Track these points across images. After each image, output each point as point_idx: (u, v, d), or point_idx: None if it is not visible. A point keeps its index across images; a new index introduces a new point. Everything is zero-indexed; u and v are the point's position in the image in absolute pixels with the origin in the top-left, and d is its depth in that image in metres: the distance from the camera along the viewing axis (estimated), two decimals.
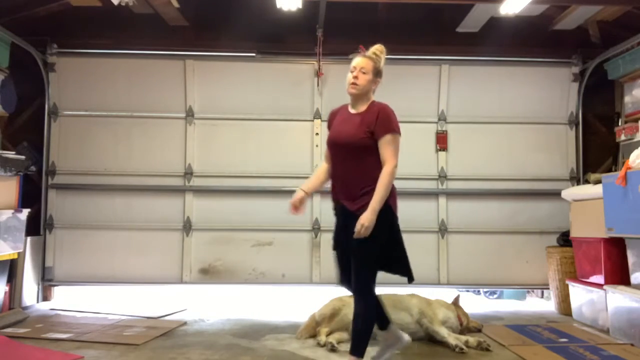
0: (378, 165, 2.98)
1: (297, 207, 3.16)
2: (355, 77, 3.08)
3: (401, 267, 3.12)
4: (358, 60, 3.11)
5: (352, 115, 3.13)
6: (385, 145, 2.99)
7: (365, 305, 3.01)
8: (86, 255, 5.53)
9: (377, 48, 3.15)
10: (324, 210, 5.53)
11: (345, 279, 3.14)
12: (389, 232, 3.03)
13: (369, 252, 2.98)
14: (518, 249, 5.67)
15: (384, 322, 3.23)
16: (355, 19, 5.54)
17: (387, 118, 3.03)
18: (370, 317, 3.04)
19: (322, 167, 3.31)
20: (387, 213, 2.99)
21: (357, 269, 3.00)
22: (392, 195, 3.04)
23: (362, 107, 3.11)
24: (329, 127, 3.26)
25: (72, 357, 3.55)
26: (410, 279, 3.13)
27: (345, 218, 3.05)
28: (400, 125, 3.06)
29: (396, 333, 3.27)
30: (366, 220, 2.88)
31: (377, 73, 3.12)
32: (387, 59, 3.15)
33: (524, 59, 5.80)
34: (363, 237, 2.89)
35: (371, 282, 3.02)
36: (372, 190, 2.93)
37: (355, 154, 3.03)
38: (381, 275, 3.04)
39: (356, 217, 2.92)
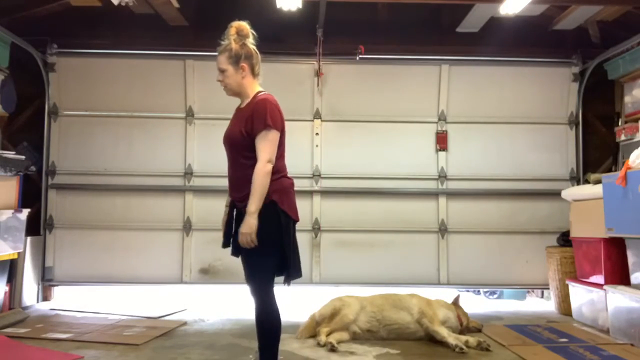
0: None
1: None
2: (220, 81, 2.84)
3: (294, 272, 2.86)
4: (217, 60, 2.82)
5: (238, 111, 2.90)
6: (258, 142, 2.69)
7: (261, 309, 2.77)
8: (86, 255, 5.53)
9: (229, 30, 2.84)
10: (324, 210, 5.53)
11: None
12: (281, 236, 2.72)
13: (258, 260, 2.74)
14: (518, 249, 5.67)
15: None
16: (355, 19, 5.54)
17: (261, 112, 2.71)
18: (271, 320, 2.77)
19: None
20: (274, 213, 2.70)
21: (248, 276, 2.82)
22: (284, 194, 2.76)
23: (245, 102, 2.86)
24: None
25: (72, 357, 3.55)
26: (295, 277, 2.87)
27: (239, 214, 2.79)
28: (401, 125, 3.00)
29: None
30: (244, 226, 2.63)
31: (236, 60, 2.79)
32: (387, 59, 3.04)
33: (524, 59, 5.80)
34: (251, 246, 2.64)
35: (266, 286, 2.78)
36: None
37: (237, 153, 2.78)
38: (381, 275, 2.96)
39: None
